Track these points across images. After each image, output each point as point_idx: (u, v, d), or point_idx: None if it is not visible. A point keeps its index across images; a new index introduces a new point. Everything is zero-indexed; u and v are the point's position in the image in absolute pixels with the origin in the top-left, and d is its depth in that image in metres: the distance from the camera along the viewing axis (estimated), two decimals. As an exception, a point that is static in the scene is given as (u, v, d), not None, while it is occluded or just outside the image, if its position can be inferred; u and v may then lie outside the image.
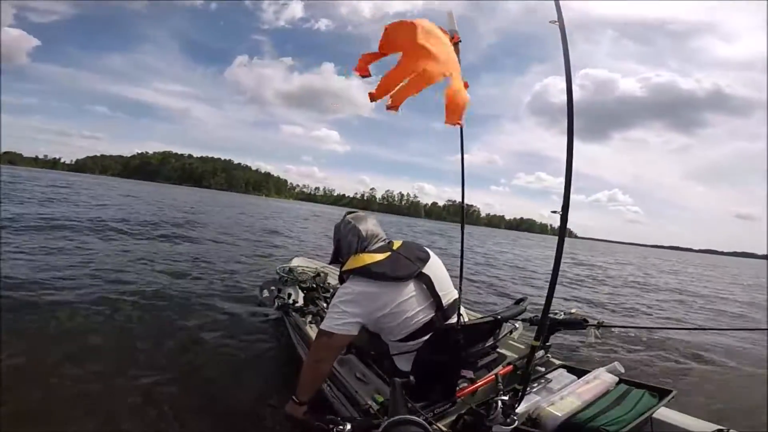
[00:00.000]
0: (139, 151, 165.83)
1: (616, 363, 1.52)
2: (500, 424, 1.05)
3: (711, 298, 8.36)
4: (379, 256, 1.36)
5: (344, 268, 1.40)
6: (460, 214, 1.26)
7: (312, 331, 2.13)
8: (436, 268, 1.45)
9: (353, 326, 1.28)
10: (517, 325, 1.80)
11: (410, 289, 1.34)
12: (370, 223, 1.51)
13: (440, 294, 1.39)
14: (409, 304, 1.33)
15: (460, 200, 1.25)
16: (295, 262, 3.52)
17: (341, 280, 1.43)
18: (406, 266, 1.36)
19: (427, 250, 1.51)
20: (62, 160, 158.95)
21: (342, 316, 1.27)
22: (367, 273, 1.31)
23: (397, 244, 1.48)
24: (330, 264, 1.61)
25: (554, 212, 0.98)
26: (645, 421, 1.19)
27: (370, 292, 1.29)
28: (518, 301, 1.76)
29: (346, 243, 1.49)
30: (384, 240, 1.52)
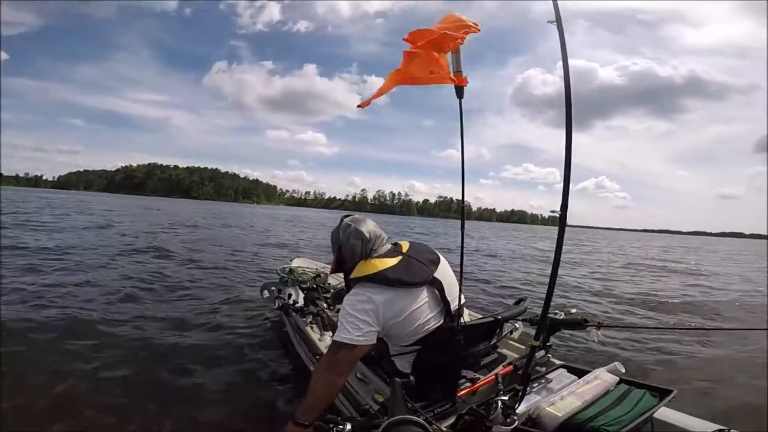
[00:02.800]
0: (122, 164, 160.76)
1: (616, 363, 1.51)
2: (500, 424, 1.05)
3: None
4: (392, 261, 1.30)
5: (355, 275, 1.31)
6: (460, 214, 1.26)
7: (312, 332, 2.13)
8: (445, 271, 1.41)
9: (373, 335, 1.21)
10: (518, 325, 1.81)
11: (423, 295, 1.31)
12: (370, 224, 1.45)
13: (449, 299, 1.36)
14: (421, 311, 1.29)
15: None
16: (296, 263, 3.53)
17: (349, 288, 1.35)
18: (419, 270, 1.31)
19: (436, 251, 1.46)
20: (44, 177, 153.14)
21: (361, 326, 1.19)
22: (383, 279, 1.25)
23: (405, 246, 1.43)
24: (332, 273, 1.55)
25: (553, 212, 0.98)
26: (645, 421, 1.18)
27: (388, 299, 1.23)
28: (518, 301, 1.76)
29: (349, 248, 1.40)
30: (388, 241, 1.47)
